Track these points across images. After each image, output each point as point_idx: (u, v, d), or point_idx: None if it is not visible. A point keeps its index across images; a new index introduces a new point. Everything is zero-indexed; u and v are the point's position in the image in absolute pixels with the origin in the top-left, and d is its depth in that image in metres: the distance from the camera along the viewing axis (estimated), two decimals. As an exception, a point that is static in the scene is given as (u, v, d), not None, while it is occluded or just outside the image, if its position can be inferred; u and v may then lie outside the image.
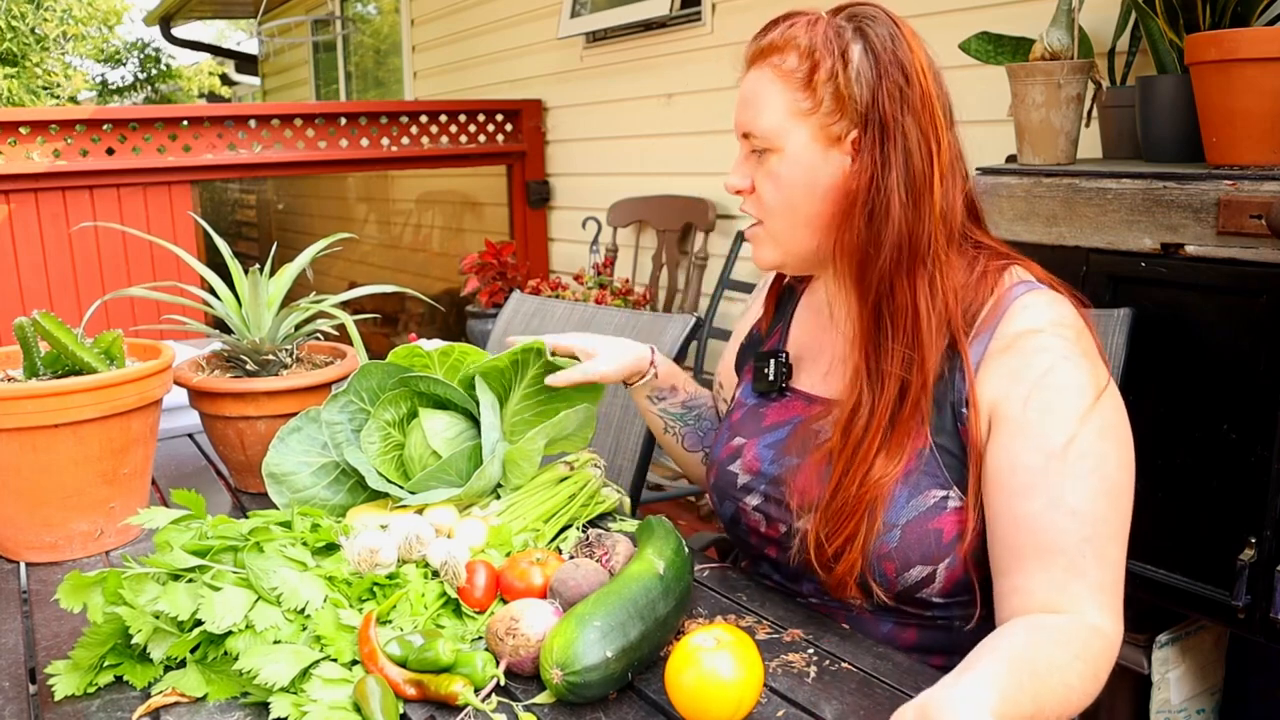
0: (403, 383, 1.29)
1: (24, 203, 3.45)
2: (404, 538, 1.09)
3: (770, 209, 1.10)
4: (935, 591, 1.03)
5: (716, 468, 1.21)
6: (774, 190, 1.08)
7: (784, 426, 1.16)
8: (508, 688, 0.93)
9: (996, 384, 1.01)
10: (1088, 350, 1.02)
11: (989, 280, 1.06)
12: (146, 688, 0.93)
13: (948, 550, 1.02)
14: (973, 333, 1.04)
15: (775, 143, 1.06)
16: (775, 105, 1.06)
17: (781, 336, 1.25)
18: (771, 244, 1.12)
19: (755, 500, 1.15)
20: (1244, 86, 1.52)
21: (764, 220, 1.11)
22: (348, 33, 7.08)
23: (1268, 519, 1.45)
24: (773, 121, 1.06)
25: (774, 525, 1.13)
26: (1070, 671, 0.88)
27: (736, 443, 1.20)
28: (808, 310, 1.24)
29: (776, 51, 1.06)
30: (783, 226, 1.10)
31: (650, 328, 1.77)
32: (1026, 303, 1.03)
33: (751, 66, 1.09)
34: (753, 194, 1.11)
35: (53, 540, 1.25)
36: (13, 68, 11.61)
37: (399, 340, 4.63)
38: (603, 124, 4.07)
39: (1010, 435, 0.99)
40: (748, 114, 1.08)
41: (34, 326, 1.25)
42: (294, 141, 3.94)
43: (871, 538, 1.01)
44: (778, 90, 1.06)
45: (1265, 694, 1.76)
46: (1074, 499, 0.96)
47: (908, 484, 1.02)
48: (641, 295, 3.44)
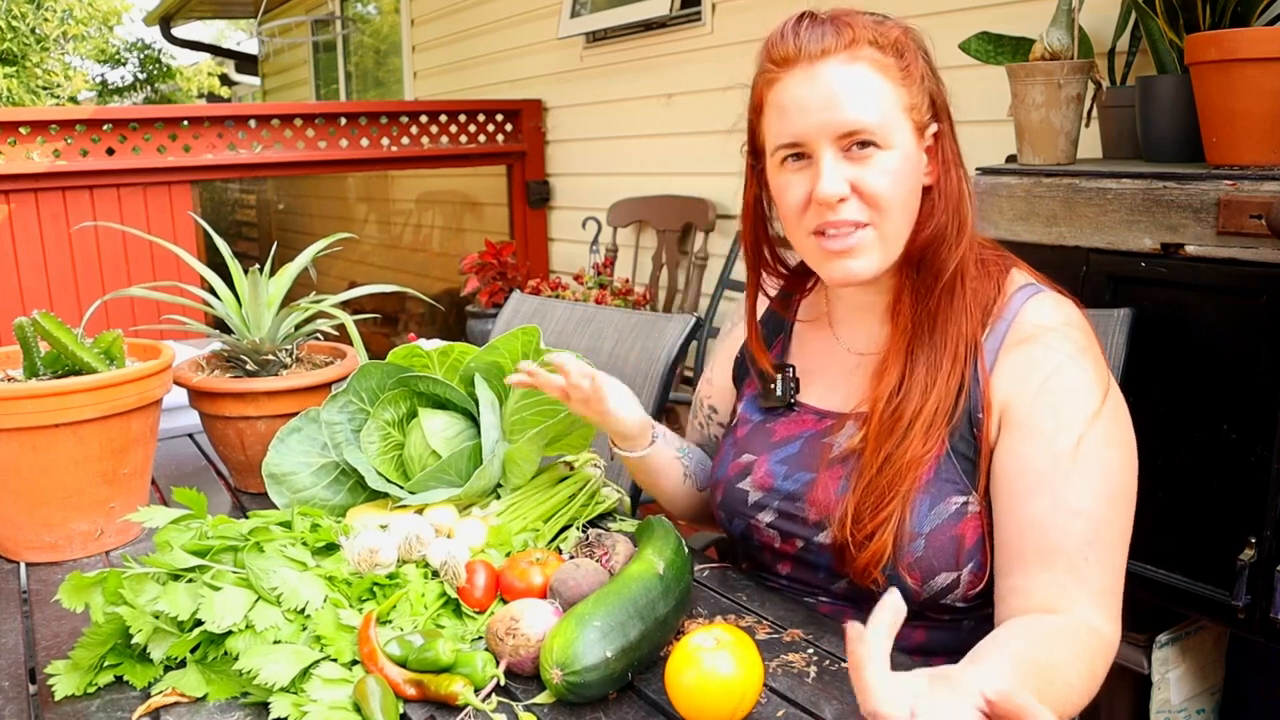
0: (402, 383, 1.29)
1: (24, 203, 3.45)
2: (404, 538, 1.09)
3: (887, 210, 1.02)
4: (959, 597, 1.03)
5: (724, 486, 1.19)
6: (892, 189, 1.02)
7: (795, 441, 1.15)
8: (508, 688, 0.93)
9: (1006, 385, 1.03)
10: (1094, 353, 1.04)
11: (992, 274, 1.09)
12: (146, 688, 0.93)
13: (970, 556, 1.02)
14: (987, 325, 1.06)
15: (888, 139, 1.01)
16: (886, 100, 1.01)
17: (783, 351, 1.23)
18: (881, 249, 1.04)
19: (769, 517, 1.14)
20: (1244, 86, 1.52)
21: (875, 223, 1.03)
22: (348, 33, 7.07)
23: (1268, 519, 1.45)
24: (888, 117, 1.01)
25: (790, 541, 1.12)
26: (1071, 670, 0.88)
27: (745, 459, 1.17)
28: (807, 326, 1.23)
29: (866, 44, 1.01)
30: (897, 226, 1.04)
31: (650, 328, 1.77)
32: (1036, 304, 1.05)
33: (824, 61, 1.01)
34: (851, 197, 1.02)
35: (53, 540, 1.25)
36: (12, 68, 11.60)
37: (399, 340, 4.62)
38: (603, 124, 4.07)
39: (1019, 438, 1.00)
40: (852, 110, 1.00)
41: (34, 326, 1.25)
42: (294, 141, 3.94)
43: (905, 523, 1.01)
44: (883, 84, 1.01)
45: (1265, 694, 1.76)
46: (1078, 501, 0.96)
47: (929, 492, 1.02)
48: (641, 295, 3.44)
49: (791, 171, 1.05)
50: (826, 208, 1.02)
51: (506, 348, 1.30)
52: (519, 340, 1.29)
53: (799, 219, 1.06)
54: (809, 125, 1.01)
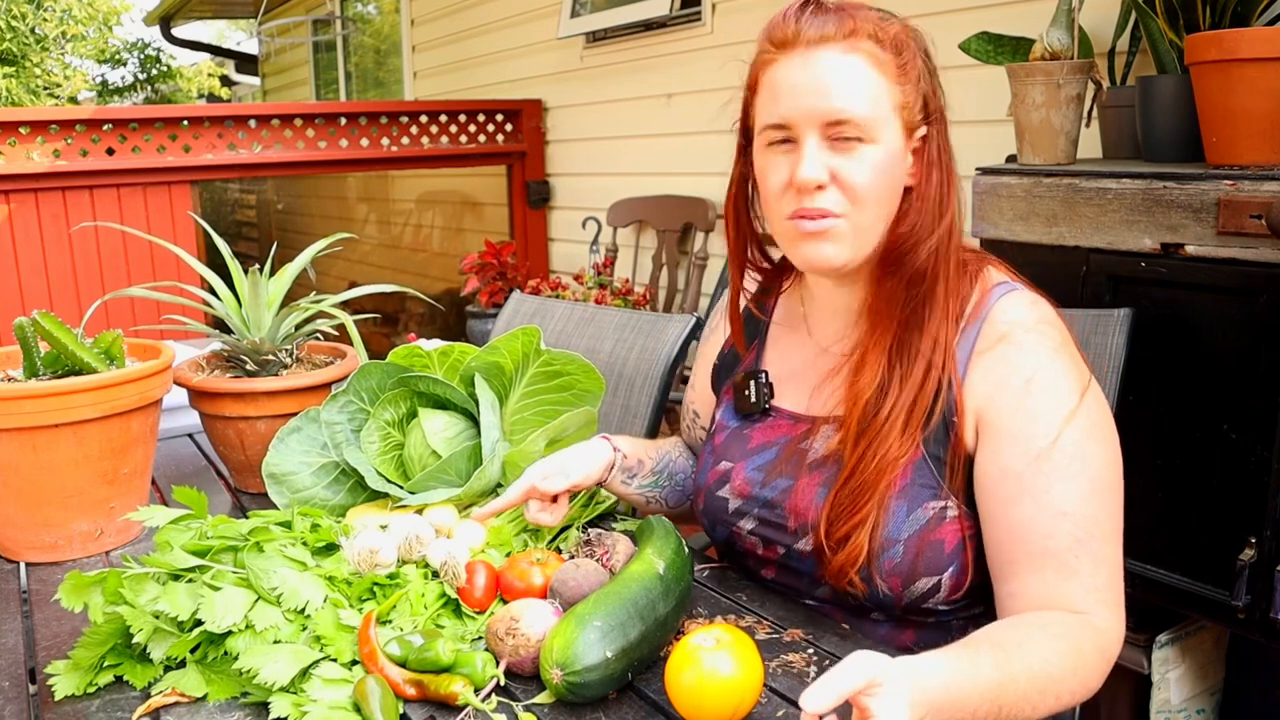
0: (402, 383, 1.29)
1: (24, 203, 3.45)
2: (404, 538, 1.09)
3: (862, 201, 1.02)
4: (941, 600, 1.03)
5: (704, 494, 1.19)
6: (870, 181, 1.01)
7: (771, 447, 1.14)
8: (508, 688, 0.93)
9: (982, 389, 1.02)
10: (1070, 350, 1.03)
11: (969, 272, 1.08)
12: (146, 688, 0.93)
13: (951, 560, 1.02)
14: (961, 326, 1.05)
15: (874, 134, 1.01)
16: (876, 94, 1.01)
17: (758, 355, 1.23)
18: (852, 239, 1.04)
19: (749, 524, 1.14)
20: (1244, 86, 1.52)
21: (849, 214, 1.02)
22: (348, 33, 7.08)
23: (1268, 519, 1.45)
24: (875, 110, 1.00)
25: (772, 547, 1.12)
26: (1047, 648, 0.89)
27: (723, 467, 1.17)
28: (782, 329, 1.22)
29: (865, 37, 1.01)
30: (870, 220, 1.03)
31: (650, 328, 1.77)
32: (1009, 303, 1.04)
33: (822, 48, 1.01)
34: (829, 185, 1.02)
35: (53, 540, 1.25)
36: (12, 68, 11.60)
37: (399, 340, 4.62)
38: (603, 124, 4.07)
39: (999, 443, 1.00)
40: (841, 100, 0.99)
41: (34, 326, 1.25)
42: (294, 141, 3.94)
43: (880, 526, 1.01)
44: (876, 79, 1.01)
45: (1265, 694, 1.76)
46: (1062, 501, 0.96)
47: (905, 497, 1.02)
48: (641, 295, 3.44)
49: (777, 154, 1.05)
50: (804, 193, 1.02)
51: (507, 348, 1.30)
52: (519, 340, 1.29)
53: (778, 201, 1.06)
54: (797, 109, 1.01)
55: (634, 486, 1.25)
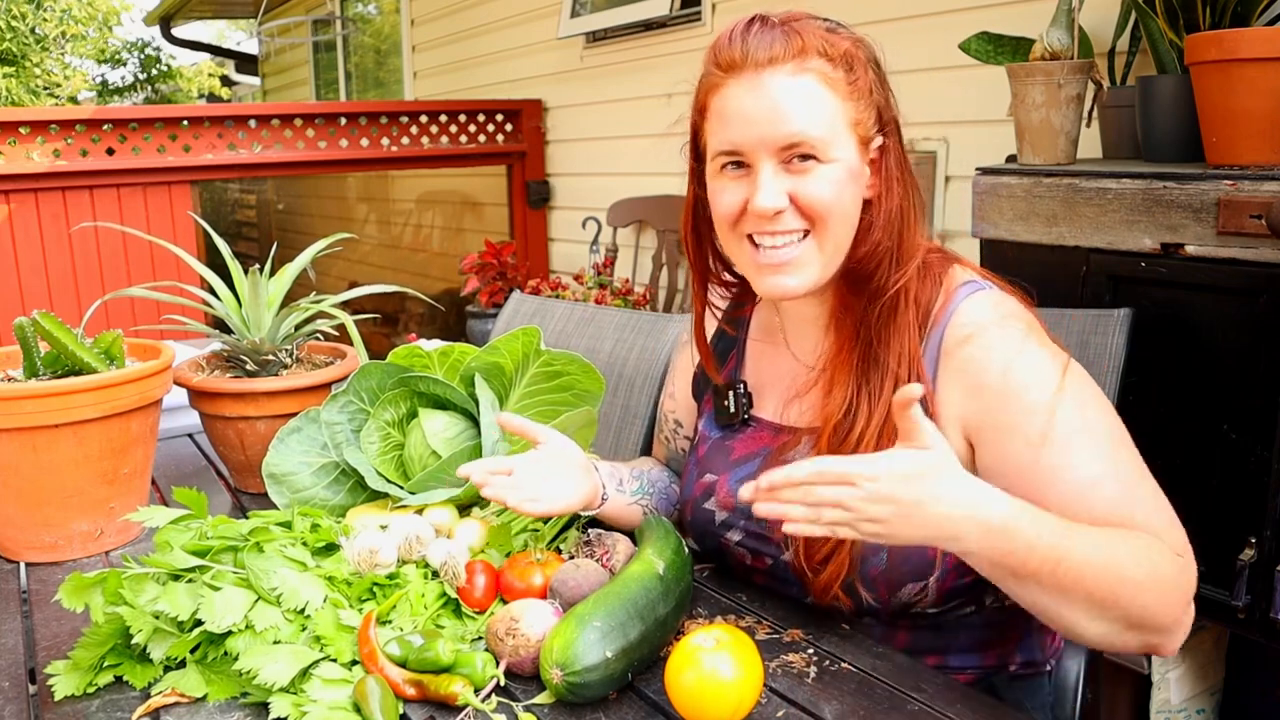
0: (402, 383, 1.29)
1: (24, 203, 3.45)
2: (404, 538, 1.09)
3: (823, 219, 1.01)
4: (928, 603, 1.04)
5: (691, 506, 1.18)
6: (829, 199, 1.00)
7: (754, 459, 1.14)
8: (508, 688, 0.93)
9: (957, 397, 1.01)
10: (1039, 335, 1.02)
11: (933, 273, 1.06)
12: (146, 688, 0.93)
13: (936, 564, 1.01)
14: (926, 330, 1.04)
15: (829, 153, 1.00)
16: (830, 114, 1.00)
17: (737, 366, 1.22)
18: (819, 262, 1.03)
19: (737, 536, 1.14)
20: (1244, 86, 1.52)
21: (816, 234, 1.02)
22: (348, 33, 7.07)
23: (1268, 519, 1.45)
24: (830, 130, 1.00)
25: (760, 558, 1.12)
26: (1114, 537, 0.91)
27: (708, 479, 1.17)
28: (758, 341, 1.21)
29: (815, 55, 0.99)
30: (837, 239, 1.03)
31: (650, 328, 1.77)
32: (971, 305, 1.03)
33: (771, 70, 0.99)
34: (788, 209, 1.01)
35: (53, 540, 1.25)
36: (12, 68, 11.60)
37: (399, 340, 4.62)
38: (603, 124, 4.07)
39: (998, 443, 0.99)
40: (795, 124, 0.98)
41: (34, 326, 1.25)
42: (294, 141, 3.94)
43: (860, 544, 1.00)
44: (828, 98, 0.99)
45: (1265, 694, 1.76)
46: (1087, 471, 0.95)
47: None
48: (641, 295, 3.44)
49: (730, 179, 1.04)
50: (763, 219, 1.01)
51: (507, 348, 1.30)
52: (519, 341, 1.29)
53: (733, 226, 1.05)
54: (750, 136, 1.00)
55: (627, 493, 1.24)
